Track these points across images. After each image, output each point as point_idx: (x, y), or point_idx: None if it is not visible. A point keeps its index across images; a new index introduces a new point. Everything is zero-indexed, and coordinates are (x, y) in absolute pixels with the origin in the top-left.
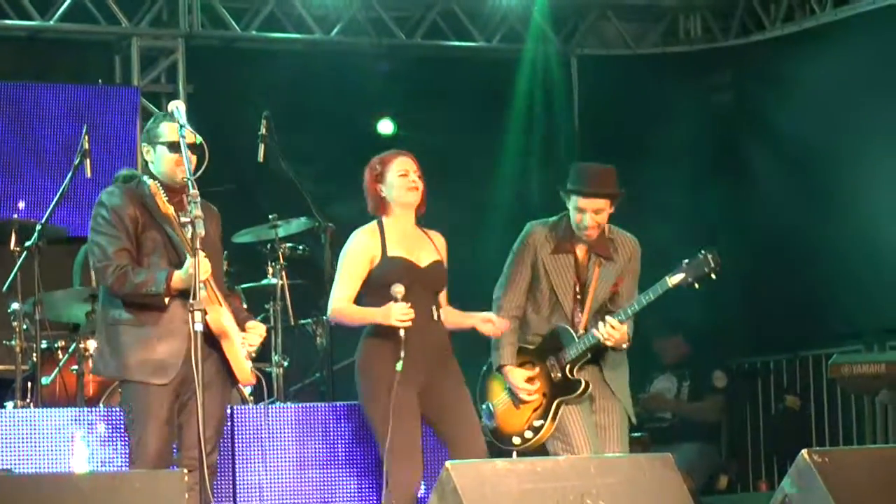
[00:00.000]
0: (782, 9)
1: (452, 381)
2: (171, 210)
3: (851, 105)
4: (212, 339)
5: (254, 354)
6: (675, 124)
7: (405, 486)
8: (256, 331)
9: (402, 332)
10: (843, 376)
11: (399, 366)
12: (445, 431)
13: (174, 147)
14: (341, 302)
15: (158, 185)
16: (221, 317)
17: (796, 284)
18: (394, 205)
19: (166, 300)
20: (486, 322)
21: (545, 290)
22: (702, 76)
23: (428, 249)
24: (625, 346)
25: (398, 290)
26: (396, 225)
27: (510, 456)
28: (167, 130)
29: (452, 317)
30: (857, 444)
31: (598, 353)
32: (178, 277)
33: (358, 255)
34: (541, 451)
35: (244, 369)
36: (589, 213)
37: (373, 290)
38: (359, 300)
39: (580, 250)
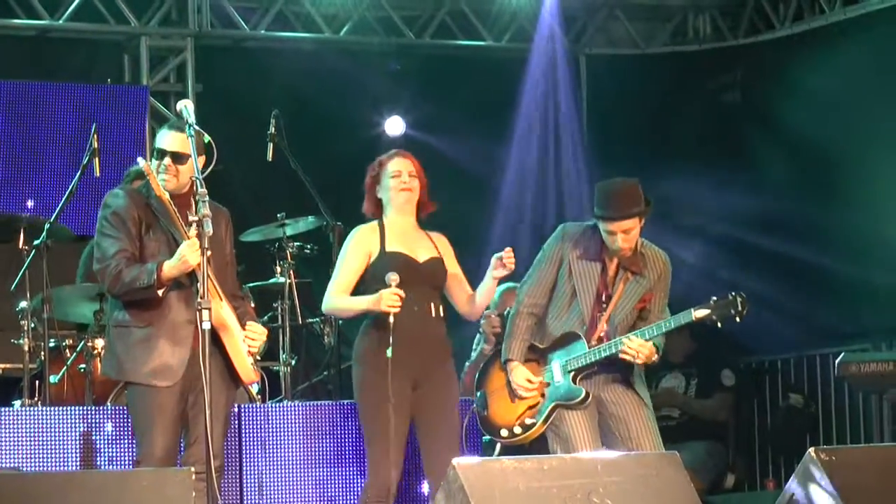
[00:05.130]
0: (791, 8)
1: (443, 386)
2: (165, 195)
3: (860, 104)
4: (215, 339)
5: (258, 356)
6: (684, 123)
7: (381, 478)
8: (256, 330)
9: (391, 318)
10: (852, 375)
11: (389, 352)
12: (421, 437)
13: (157, 154)
14: (335, 294)
15: (151, 166)
16: (221, 309)
17: (804, 283)
18: (389, 207)
19: (160, 292)
20: (498, 268)
21: (567, 293)
22: (711, 75)
23: (426, 247)
24: (655, 358)
25: (393, 277)
26: (396, 224)
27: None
28: (158, 137)
29: (482, 291)
30: (865, 443)
31: (606, 366)
32: (169, 265)
33: (355, 249)
34: (543, 447)
35: (245, 365)
36: (619, 234)
37: (371, 286)
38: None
39: (610, 262)
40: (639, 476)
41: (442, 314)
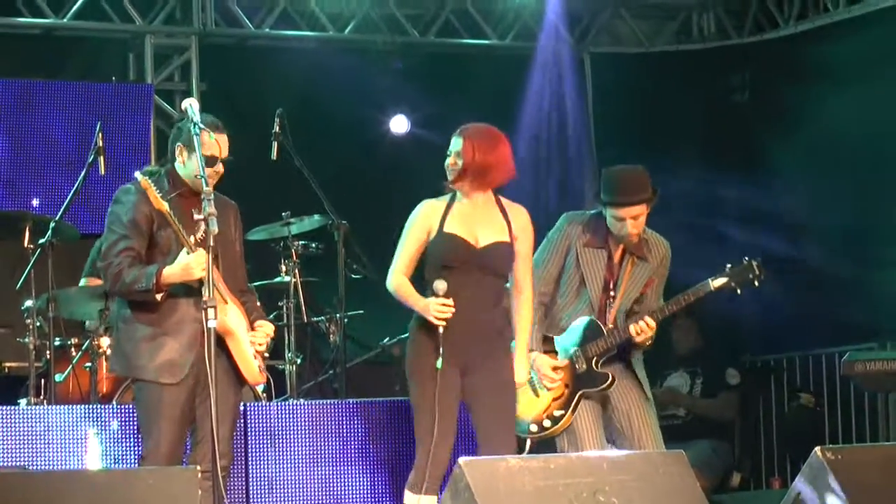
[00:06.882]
0: (796, 6)
1: (494, 374)
2: (164, 206)
3: (867, 103)
4: (220, 339)
5: (266, 354)
6: (689, 122)
7: (434, 454)
8: (263, 329)
9: (440, 329)
10: (857, 374)
11: (439, 363)
12: (476, 421)
13: (211, 162)
14: (398, 276)
15: (150, 181)
16: (226, 315)
17: (811, 281)
18: None
19: (158, 297)
20: None
21: (575, 281)
22: (716, 74)
23: (495, 229)
24: (649, 343)
25: (440, 286)
26: (464, 203)
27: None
28: (208, 142)
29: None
30: (871, 442)
31: (624, 350)
32: (170, 271)
33: (415, 226)
34: (551, 443)
35: (251, 369)
36: (628, 220)
37: (429, 266)
38: (420, 272)
39: (615, 248)
40: (645, 475)
41: (503, 303)
